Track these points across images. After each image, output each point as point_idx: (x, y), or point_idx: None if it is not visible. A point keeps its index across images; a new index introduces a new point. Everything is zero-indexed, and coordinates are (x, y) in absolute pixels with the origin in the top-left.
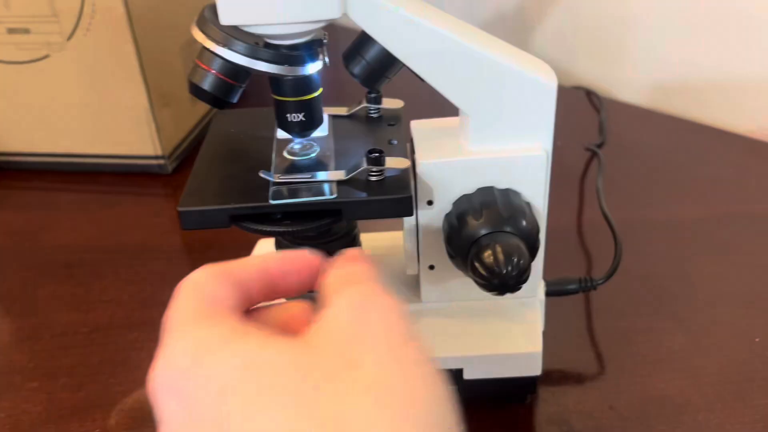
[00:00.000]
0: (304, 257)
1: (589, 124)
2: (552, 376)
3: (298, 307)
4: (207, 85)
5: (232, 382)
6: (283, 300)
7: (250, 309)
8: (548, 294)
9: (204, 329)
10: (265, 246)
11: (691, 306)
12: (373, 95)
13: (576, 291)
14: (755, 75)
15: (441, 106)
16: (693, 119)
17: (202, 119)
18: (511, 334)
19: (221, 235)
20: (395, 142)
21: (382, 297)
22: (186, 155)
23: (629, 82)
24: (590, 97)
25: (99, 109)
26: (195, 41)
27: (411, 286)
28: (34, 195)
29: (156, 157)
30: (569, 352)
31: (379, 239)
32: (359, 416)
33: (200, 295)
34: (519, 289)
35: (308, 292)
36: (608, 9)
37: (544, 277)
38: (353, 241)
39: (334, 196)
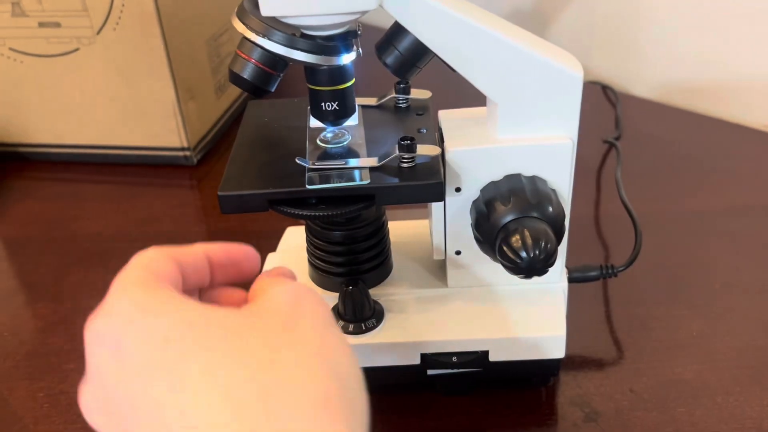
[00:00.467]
0: (246, 251)
1: (605, 118)
2: (573, 360)
3: (237, 293)
4: (246, 73)
5: (176, 333)
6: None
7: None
8: (571, 280)
9: (148, 292)
10: (294, 234)
11: (707, 293)
12: (401, 86)
13: (597, 278)
14: None
15: (466, 98)
16: (707, 114)
17: (225, 112)
18: (536, 318)
19: (247, 224)
20: (424, 130)
21: (312, 293)
22: (210, 147)
23: (644, 77)
24: (606, 92)
25: (127, 102)
26: (220, 35)
27: (437, 272)
28: (63, 186)
29: (182, 149)
30: (590, 337)
31: (405, 227)
32: (289, 361)
33: (147, 267)
34: (546, 272)
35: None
36: (623, 5)
37: (566, 265)
38: (382, 228)
39: (367, 181)
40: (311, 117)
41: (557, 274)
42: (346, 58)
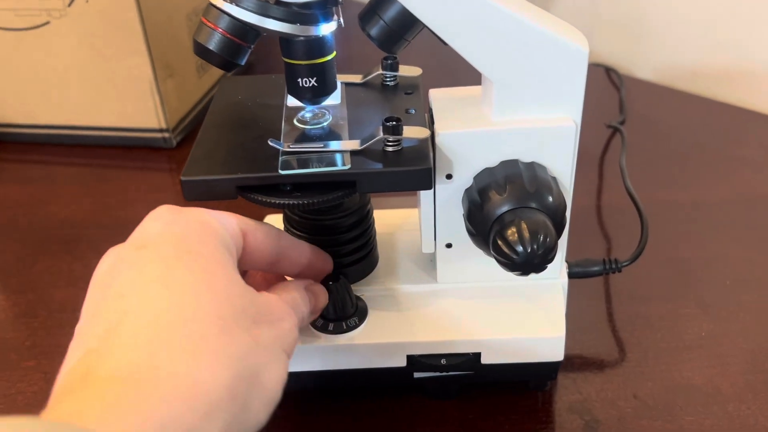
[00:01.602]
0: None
1: (608, 102)
2: (573, 362)
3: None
4: (213, 45)
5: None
6: None
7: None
8: (571, 276)
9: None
10: (274, 223)
11: (716, 290)
12: (389, 62)
13: (599, 273)
14: None
15: (458, 76)
16: (715, 98)
17: (208, 92)
18: (533, 318)
19: (226, 210)
20: (413, 111)
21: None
22: (191, 129)
23: (649, 60)
24: (609, 74)
25: (101, 80)
26: (202, 10)
27: (426, 266)
28: (32, 168)
29: (160, 130)
30: (590, 336)
31: (391, 217)
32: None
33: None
34: (544, 269)
35: None
36: None
37: (566, 259)
38: (366, 217)
39: (348, 166)
40: (289, 95)
41: (556, 270)
42: (325, 29)
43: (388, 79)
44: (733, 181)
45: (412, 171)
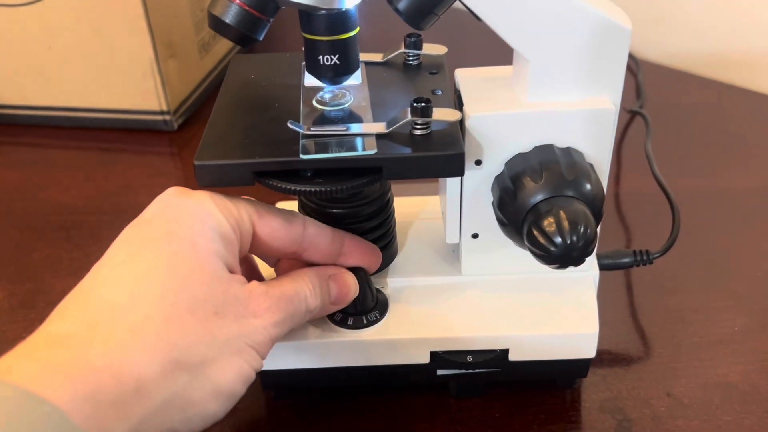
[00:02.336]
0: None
1: (624, 86)
2: (602, 358)
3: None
4: (230, 17)
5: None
6: None
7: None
8: (601, 268)
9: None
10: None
11: (749, 282)
12: (412, 39)
13: (630, 265)
14: None
15: (478, 56)
16: (734, 84)
17: (209, 73)
18: (564, 313)
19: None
20: (439, 92)
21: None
22: (193, 111)
23: (665, 45)
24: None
25: (100, 60)
26: None
27: (448, 257)
28: (28, 151)
29: (161, 113)
30: (618, 331)
31: (412, 204)
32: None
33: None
34: (582, 262)
35: None
36: None
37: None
38: (387, 205)
39: (374, 151)
40: (306, 74)
41: (588, 262)
42: (349, 2)
43: (410, 58)
44: (759, 167)
45: (444, 156)
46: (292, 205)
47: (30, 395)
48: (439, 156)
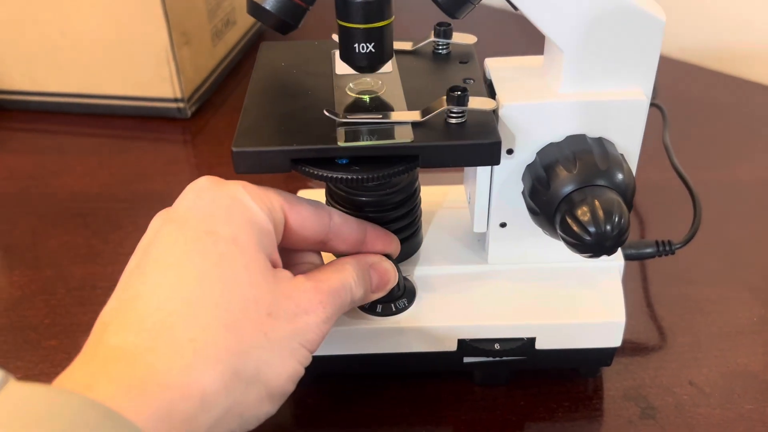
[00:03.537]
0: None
1: None
2: (624, 348)
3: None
4: (269, 4)
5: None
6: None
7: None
8: (626, 258)
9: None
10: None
11: (765, 274)
12: (443, 28)
13: (652, 255)
14: None
15: (506, 47)
16: (745, 77)
17: (221, 61)
18: (591, 301)
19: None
20: (472, 81)
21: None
22: (206, 99)
23: (676, 38)
24: None
25: (114, 46)
26: None
27: (473, 246)
28: (41, 138)
29: (175, 100)
30: (638, 320)
31: (437, 193)
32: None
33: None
34: (615, 251)
35: None
36: None
37: None
38: (415, 194)
39: (410, 139)
40: (337, 62)
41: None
42: None
43: (440, 47)
44: None
45: (481, 145)
46: (313, 193)
47: (114, 415)
48: (476, 144)
